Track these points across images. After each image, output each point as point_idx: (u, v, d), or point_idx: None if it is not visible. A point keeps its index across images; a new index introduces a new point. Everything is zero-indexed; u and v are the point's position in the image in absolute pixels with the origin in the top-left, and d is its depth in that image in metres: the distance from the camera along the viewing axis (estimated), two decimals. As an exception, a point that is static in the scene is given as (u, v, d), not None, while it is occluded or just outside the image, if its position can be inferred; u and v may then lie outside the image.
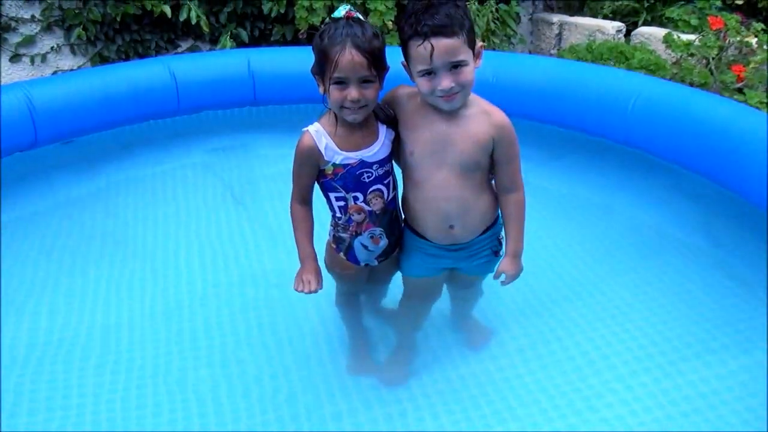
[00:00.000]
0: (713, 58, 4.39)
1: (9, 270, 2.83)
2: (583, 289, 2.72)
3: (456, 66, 1.87)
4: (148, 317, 2.61)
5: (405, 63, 1.96)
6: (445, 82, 1.87)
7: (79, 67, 4.90)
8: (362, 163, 1.97)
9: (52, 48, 4.85)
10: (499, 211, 2.14)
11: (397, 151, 2.06)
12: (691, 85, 4.40)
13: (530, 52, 6.33)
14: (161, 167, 3.76)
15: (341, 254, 2.11)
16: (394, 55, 1.94)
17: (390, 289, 2.45)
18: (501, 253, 2.19)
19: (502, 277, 2.16)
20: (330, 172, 1.97)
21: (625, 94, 3.16)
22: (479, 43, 1.96)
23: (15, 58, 4.77)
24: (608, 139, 3.31)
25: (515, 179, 2.08)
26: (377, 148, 1.99)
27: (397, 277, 2.31)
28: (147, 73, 3.81)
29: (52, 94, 3.52)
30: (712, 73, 4.46)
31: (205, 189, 3.56)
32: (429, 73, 1.88)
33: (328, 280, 2.18)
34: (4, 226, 3.11)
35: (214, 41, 5.14)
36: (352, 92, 1.84)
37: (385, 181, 2.03)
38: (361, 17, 1.90)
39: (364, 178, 1.98)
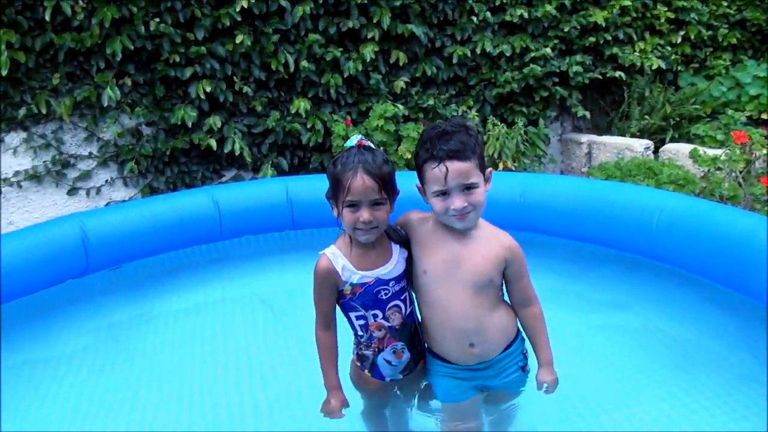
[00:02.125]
0: (740, 172, 4.45)
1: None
2: (621, 401, 2.67)
3: (468, 188, 2.00)
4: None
5: (420, 186, 2.10)
6: (458, 202, 1.99)
7: (130, 198, 5.22)
8: (378, 281, 2.06)
9: (106, 181, 5.20)
10: (521, 327, 2.19)
11: (410, 273, 2.15)
12: (721, 198, 4.46)
13: (561, 172, 6.50)
14: (204, 289, 3.90)
15: (366, 371, 2.16)
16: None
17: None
18: (528, 367, 2.22)
19: (544, 387, 2.19)
20: (348, 292, 2.06)
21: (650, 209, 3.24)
22: (489, 168, 2.10)
23: (72, 191, 5.11)
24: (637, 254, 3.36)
25: (529, 293, 2.17)
26: (392, 266, 2.09)
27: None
28: (193, 202, 4.06)
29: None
30: (741, 186, 4.52)
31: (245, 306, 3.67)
32: (444, 193, 2.01)
33: (354, 395, 2.20)
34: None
35: (256, 170, 5.44)
36: (364, 214, 1.97)
37: (402, 297, 2.11)
38: (372, 145, 2.06)
39: (381, 296, 2.07)
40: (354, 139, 2.06)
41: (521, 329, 2.22)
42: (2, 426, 2.15)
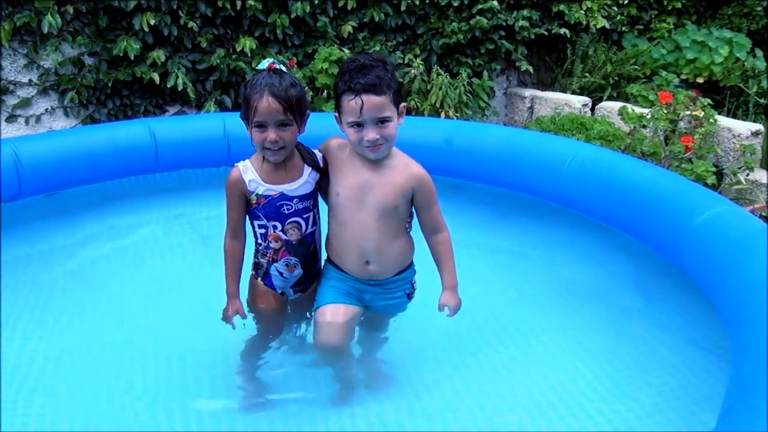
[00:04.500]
0: (663, 130, 4.67)
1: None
2: (516, 332, 2.87)
3: (382, 121, 2.15)
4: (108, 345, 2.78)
5: (337, 115, 2.23)
6: (371, 134, 2.14)
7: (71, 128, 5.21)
8: (282, 196, 2.23)
9: (46, 110, 5.17)
10: (413, 259, 2.40)
11: (326, 193, 2.32)
12: (642, 154, 4.68)
13: (504, 124, 6.67)
14: (137, 217, 3.98)
15: (259, 279, 2.33)
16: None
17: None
18: (413, 296, 2.43)
19: (446, 311, 2.39)
20: (254, 202, 2.24)
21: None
22: (403, 104, 2.23)
23: (11, 118, 5.08)
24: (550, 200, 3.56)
25: (438, 221, 2.35)
26: (298, 185, 2.26)
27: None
28: (129, 132, 4.11)
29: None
30: (666, 144, 4.74)
31: (178, 235, 3.77)
32: (358, 125, 2.15)
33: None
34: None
35: (199, 107, 5.46)
36: (271, 134, 2.12)
37: (305, 216, 2.28)
38: (282, 68, 2.17)
39: (283, 210, 2.24)
40: (265, 63, 2.17)
41: (414, 263, 2.41)
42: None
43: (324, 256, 2.48)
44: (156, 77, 5.11)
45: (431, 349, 2.77)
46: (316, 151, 2.35)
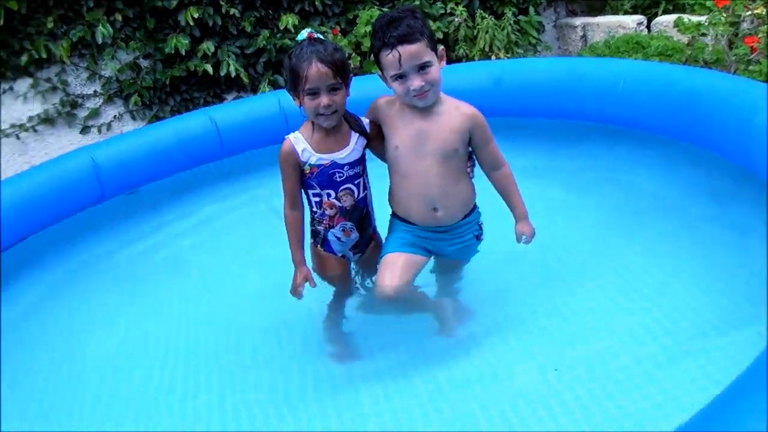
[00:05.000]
0: (726, 35, 4.47)
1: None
2: (598, 255, 2.87)
3: (423, 67, 2.18)
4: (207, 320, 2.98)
5: (380, 73, 2.28)
6: (416, 82, 2.18)
7: (139, 130, 5.46)
8: (334, 164, 2.30)
9: (114, 116, 5.44)
10: (476, 201, 2.43)
11: (384, 152, 2.38)
12: (705, 63, 4.50)
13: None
14: (214, 204, 4.17)
15: (319, 246, 2.43)
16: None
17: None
18: (482, 238, 2.47)
19: (524, 239, 2.45)
20: (308, 171, 2.31)
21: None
22: (441, 47, 2.26)
23: (84, 129, 5.39)
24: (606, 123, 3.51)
25: (497, 157, 2.38)
26: (348, 152, 2.32)
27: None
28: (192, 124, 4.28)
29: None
30: (730, 48, 4.53)
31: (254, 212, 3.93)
32: (401, 76, 2.19)
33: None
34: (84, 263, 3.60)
35: (255, 90, 5.61)
36: (324, 99, 2.18)
37: (356, 182, 2.36)
38: (321, 37, 2.24)
39: (335, 177, 2.31)
40: (304, 33, 2.24)
41: (477, 205, 2.45)
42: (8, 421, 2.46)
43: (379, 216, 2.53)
44: (209, 68, 5.28)
45: (512, 283, 2.81)
46: (362, 118, 2.40)
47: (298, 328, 2.79)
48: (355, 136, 2.35)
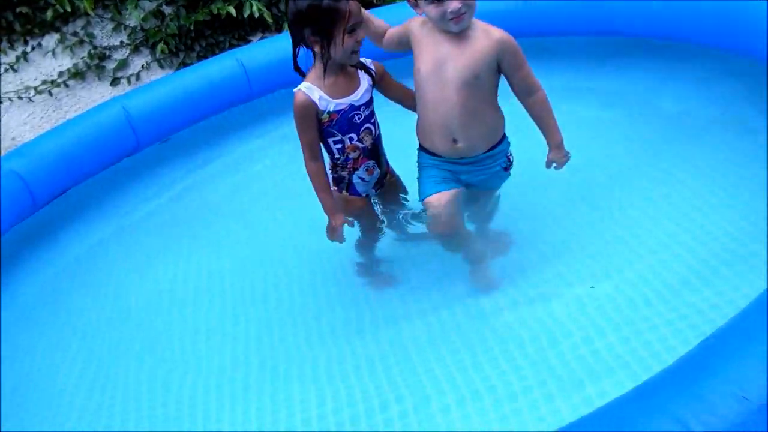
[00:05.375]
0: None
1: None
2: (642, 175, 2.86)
3: None
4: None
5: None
6: (455, 4, 2.11)
7: (168, 79, 5.47)
8: (351, 107, 2.29)
9: (142, 66, 5.45)
10: (504, 132, 2.38)
11: (391, 92, 2.46)
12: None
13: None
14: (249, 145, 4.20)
15: (344, 192, 2.45)
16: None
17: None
18: (511, 168, 2.43)
19: (553, 165, 2.39)
20: (326, 120, 2.28)
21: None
22: None
23: (114, 81, 5.42)
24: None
25: (531, 81, 2.28)
26: (361, 93, 2.32)
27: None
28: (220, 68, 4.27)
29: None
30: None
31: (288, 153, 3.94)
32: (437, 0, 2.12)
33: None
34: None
35: (279, 30, 5.53)
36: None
37: (372, 120, 2.37)
38: None
39: (355, 120, 2.31)
40: None
41: (507, 136, 2.40)
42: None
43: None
44: (232, 10, 5.20)
45: (549, 208, 2.80)
46: (365, 59, 2.36)
47: (336, 262, 2.85)
48: (363, 75, 2.35)
